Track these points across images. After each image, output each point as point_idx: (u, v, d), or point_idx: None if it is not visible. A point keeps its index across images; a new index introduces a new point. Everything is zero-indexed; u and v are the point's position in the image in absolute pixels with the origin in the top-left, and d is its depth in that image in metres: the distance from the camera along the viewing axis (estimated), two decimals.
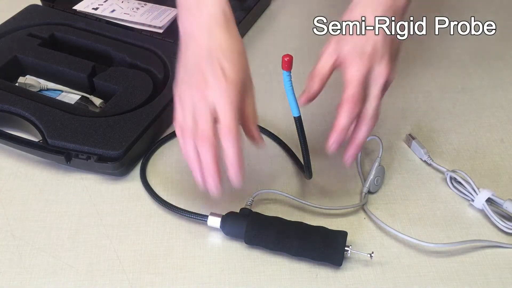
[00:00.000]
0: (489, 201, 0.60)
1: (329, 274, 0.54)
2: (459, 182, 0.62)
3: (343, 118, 0.52)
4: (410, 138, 0.67)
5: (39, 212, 0.59)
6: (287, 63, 0.50)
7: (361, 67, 0.52)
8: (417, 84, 0.78)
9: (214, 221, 0.56)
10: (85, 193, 0.61)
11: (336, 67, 0.55)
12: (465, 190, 0.61)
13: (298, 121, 0.55)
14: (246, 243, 0.55)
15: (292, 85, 0.52)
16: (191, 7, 0.53)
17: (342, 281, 0.53)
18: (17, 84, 0.72)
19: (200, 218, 0.57)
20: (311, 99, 0.56)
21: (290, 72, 0.51)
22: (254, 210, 0.57)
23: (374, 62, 0.53)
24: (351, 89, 0.52)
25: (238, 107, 0.50)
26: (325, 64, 0.55)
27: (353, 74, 0.52)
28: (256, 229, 0.55)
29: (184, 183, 0.62)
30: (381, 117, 0.55)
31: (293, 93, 0.53)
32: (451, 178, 0.63)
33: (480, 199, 0.59)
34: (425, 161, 0.66)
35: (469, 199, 0.61)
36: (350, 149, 0.56)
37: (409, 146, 0.68)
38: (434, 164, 0.65)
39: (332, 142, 0.54)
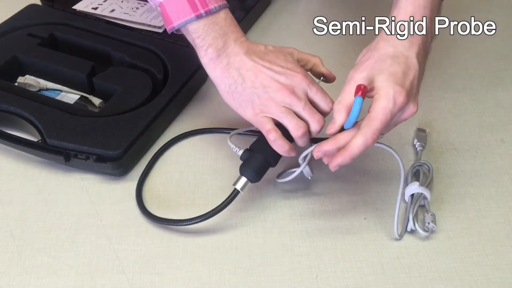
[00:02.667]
0: (422, 203, 0.59)
1: (329, 274, 0.54)
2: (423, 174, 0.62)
3: (358, 148, 0.50)
4: (419, 131, 0.69)
5: (38, 212, 0.59)
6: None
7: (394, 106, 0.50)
8: None
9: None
10: (84, 193, 0.61)
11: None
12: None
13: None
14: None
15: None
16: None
17: (342, 281, 0.53)
18: (16, 84, 0.72)
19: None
20: (337, 131, 0.53)
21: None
22: None
23: (409, 99, 0.51)
24: (377, 123, 0.49)
25: None
26: (352, 93, 0.50)
27: (385, 108, 0.50)
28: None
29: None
30: None
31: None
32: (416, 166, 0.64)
33: (407, 191, 0.60)
34: (416, 149, 0.67)
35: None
36: (339, 157, 0.51)
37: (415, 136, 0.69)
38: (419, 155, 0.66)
39: (336, 164, 0.51)
